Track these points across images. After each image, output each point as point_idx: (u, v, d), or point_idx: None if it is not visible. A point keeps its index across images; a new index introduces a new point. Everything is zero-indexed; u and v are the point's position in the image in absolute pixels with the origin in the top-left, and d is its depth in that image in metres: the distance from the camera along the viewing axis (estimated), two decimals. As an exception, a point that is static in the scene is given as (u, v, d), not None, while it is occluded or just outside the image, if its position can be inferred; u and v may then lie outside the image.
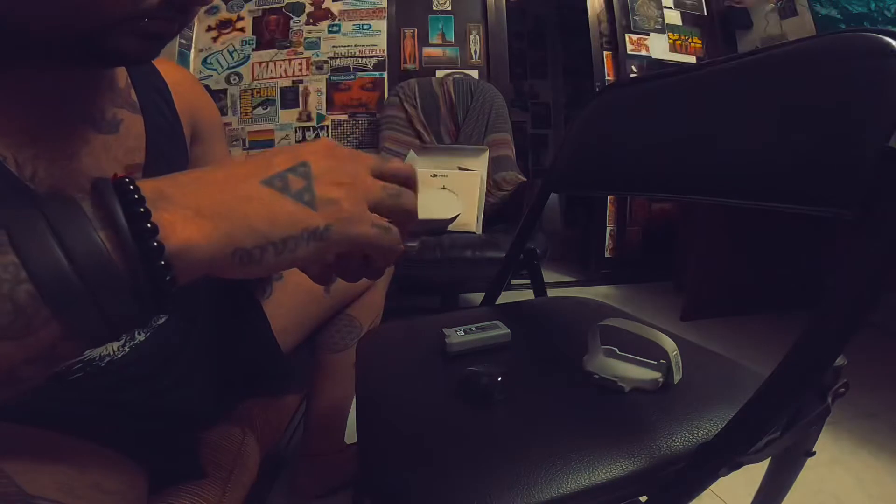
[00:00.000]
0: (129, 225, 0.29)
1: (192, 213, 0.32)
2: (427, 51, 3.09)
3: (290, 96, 3.06)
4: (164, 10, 0.44)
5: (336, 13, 3.05)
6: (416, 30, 3.08)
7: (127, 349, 0.63)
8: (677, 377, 0.59)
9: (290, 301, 0.93)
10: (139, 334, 0.65)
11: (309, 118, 3.06)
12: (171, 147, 0.68)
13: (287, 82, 3.06)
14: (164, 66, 0.70)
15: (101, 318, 0.29)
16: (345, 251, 0.40)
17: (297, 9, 3.05)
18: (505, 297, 1.00)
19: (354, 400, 0.70)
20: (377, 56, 3.06)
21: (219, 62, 3.05)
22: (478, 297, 1.09)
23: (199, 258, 0.32)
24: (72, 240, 0.28)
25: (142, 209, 0.30)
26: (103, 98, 0.57)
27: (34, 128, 0.49)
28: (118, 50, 0.44)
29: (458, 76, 2.91)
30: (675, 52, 3.24)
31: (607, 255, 3.27)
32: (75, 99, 0.53)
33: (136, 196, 0.30)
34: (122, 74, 0.62)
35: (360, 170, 0.39)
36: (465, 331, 0.73)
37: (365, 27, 3.05)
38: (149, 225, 0.30)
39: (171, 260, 0.31)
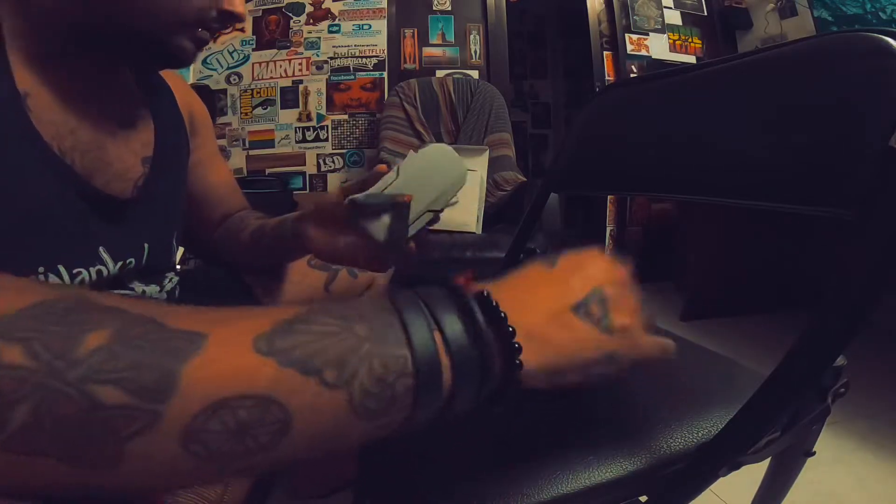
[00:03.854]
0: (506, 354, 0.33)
1: (527, 340, 0.34)
2: (427, 51, 3.08)
3: (290, 96, 3.06)
4: (215, 21, 0.54)
5: (336, 13, 3.05)
6: (416, 30, 3.08)
7: None
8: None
9: (290, 301, 0.93)
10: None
11: (309, 118, 3.06)
12: (176, 140, 0.72)
13: (287, 82, 3.05)
14: None
15: (445, 409, 0.33)
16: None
17: (297, 9, 3.04)
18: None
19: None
20: (377, 56, 3.06)
21: (219, 62, 3.05)
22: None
23: (530, 377, 0.35)
24: (450, 335, 0.32)
25: (515, 344, 0.33)
26: (124, 96, 0.63)
27: (74, 120, 0.53)
28: (179, 51, 0.53)
29: (458, 76, 2.90)
30: (675, 52, 3.24)
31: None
32: (105, 97, 0.58)
33: (511, 330, 0.33)
34: (131, 75, 0.65)
35: (635, 299, 0.43)
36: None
37: (365, 27, 3.05)
38: (515, 345, 0.33)
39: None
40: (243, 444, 0.26)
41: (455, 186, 0.60)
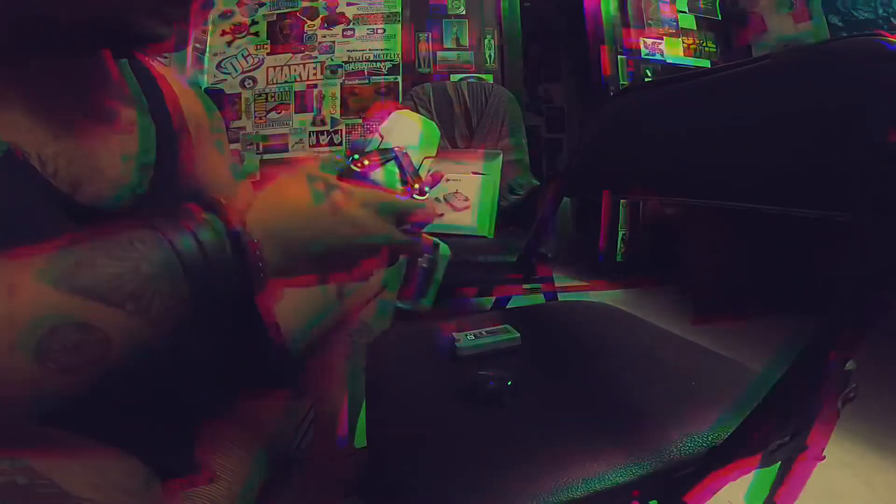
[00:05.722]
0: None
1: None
2: (442, 55, 3.09)
3: (305, 100, 3.08)
4: None
5: (351, 17, 3.07)
6: (430, 34, 3.09)
7: None
8: None
9: (291, 301, 0.93)
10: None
11: (323, 122, 3.08)
12: (167, 137, 0.68)
13: (301, 86, 3.08)
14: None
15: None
16: None
17: (312, 13, 3.07)
18: (515, 301, 1.00)
19: (364, 403, 0.70)
20: (391, 60, 3.07)
21: (233, 66, 3.08)
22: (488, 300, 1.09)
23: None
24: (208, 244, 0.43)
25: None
26: (116, 98, 0.59)
27: (56, 126, 0.50)
28: (149, 32, 0.48)
29: (472, 80, 2.91)
30: (690, 55, 3.22)
31: (618, 258, 3.25)
32: (92, 97, 0.55)
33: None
34: (114, 70, 0.62)
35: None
36: (475, 334, 0.74)
37: (380, 31, 3.07)
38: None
39: None
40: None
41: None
